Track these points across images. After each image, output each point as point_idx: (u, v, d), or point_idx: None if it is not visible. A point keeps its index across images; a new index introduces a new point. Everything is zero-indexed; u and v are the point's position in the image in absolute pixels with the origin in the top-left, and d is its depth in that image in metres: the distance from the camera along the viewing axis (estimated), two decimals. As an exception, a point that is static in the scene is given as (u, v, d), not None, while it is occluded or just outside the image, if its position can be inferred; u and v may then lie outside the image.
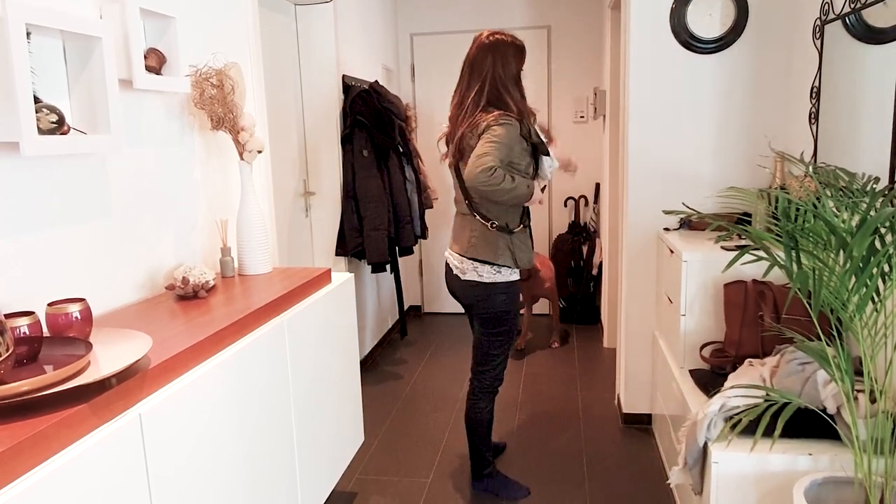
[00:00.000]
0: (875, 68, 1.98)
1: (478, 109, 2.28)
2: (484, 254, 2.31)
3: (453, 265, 2.40)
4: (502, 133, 2.19)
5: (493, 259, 2.30)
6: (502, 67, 2.28)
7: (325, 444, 2.20)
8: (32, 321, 1.33)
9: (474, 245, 2.32)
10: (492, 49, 2.29)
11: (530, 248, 2.44)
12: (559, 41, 4.65)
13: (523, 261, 2.36)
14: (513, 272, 2.36)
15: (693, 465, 1.86)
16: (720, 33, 2.75)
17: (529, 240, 2.46)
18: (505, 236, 2.32)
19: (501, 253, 2.31)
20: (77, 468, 1.09)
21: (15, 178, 1.47)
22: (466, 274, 2.35)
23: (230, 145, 2.38)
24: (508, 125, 2.21)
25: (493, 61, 2.28)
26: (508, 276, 2.34)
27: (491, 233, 2.31)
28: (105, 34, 1.56)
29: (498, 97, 2.28)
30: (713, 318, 2.44)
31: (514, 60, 2.30)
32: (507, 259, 2.31)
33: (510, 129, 2.21)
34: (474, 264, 2.33)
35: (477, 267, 2.33)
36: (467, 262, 2.34)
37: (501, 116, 2.22)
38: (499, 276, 2.33)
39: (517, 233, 2.35)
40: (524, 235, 2.40)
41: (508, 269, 2.34)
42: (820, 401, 1.74)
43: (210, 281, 1.92)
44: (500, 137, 2.18)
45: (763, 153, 2.83)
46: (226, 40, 2.37)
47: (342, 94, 3.58)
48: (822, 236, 1.45)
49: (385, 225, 3.54)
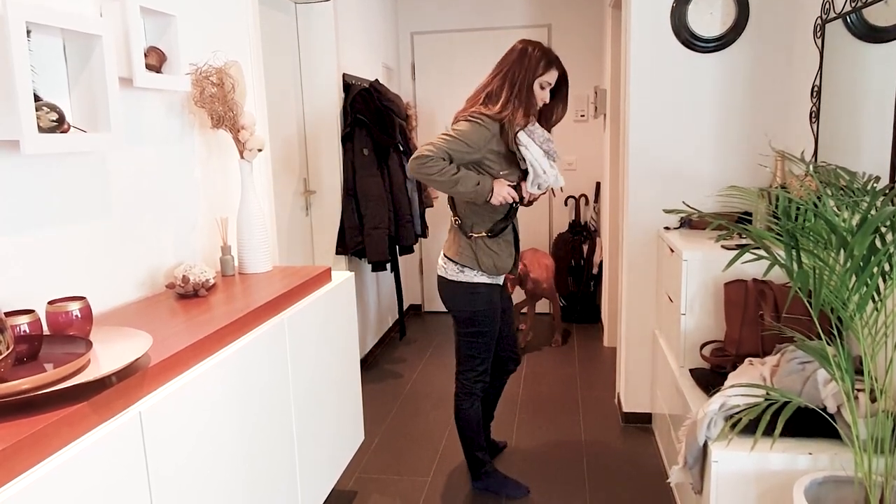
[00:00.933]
0: (876, 67, 1.98)
1: (474, 102, 2.27)
2: (450, 251, 2.34)
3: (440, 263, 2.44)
4: (464, 129, 2.18)
5: (455, 258, 2.32)
6: (519, 67, 2.23)
7: (326, 442, 2.20)
8: (33, 319, 1.33)
9: (448, 241, 2.38)
10: (520, 51, 2.26)
11: (504, 255, 2.34)
12: (560, 40, 4.65)
13: (488, 265, 2.29)
14: (478, 274, 2.30)
15: (693, 464, 1.86)
16: (721, 32, 2.75)
17: (508, 246, 2.37)
18: (465, 238, 2.32)
19: (463, 252, 2.30)
20: (77, 466, 1.09)
21: (15, 177, 1.47)
22: (440, 270, 2.39)
23: (230, 144, 2.38)
24: (476, 124, 2.18)
25: (515, 60, 2.24)
26: (472, 276, 2.31)
27: (460, 232, 2.34)
28: (105, 32, 1.56)
29: (497, 92, 2.24)
30: (713, 317, 2.44)
31: (536, 66, 2.23)
32: (468, 260, 2.29)
33: (476, 129, 2.18)
34: (444, 260, 2.37)
35: (446, 263, 2.36)
36: (441, 258, 2.40)
37: (474, 114, 2.20)
38: (462, 276, 2.31)
39: (479, 237, 2.29)
40: (495, 241, 2.32)
41: (472, 271, 2.30)
42: (820, 400, 1.74)
43: (210, 279, 1.92)
44: (460, 134, 2.17)
45: (764, 152, 2.83)
46: (226, 38, 2.37)
47: (342, 92, 3.58)
48: (822, 235, 1.45)
49: (385, 224, 3.54)
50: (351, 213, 3.54)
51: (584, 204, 4.82)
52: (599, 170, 4.73)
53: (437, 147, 2.14)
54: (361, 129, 3.54)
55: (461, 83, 4.74)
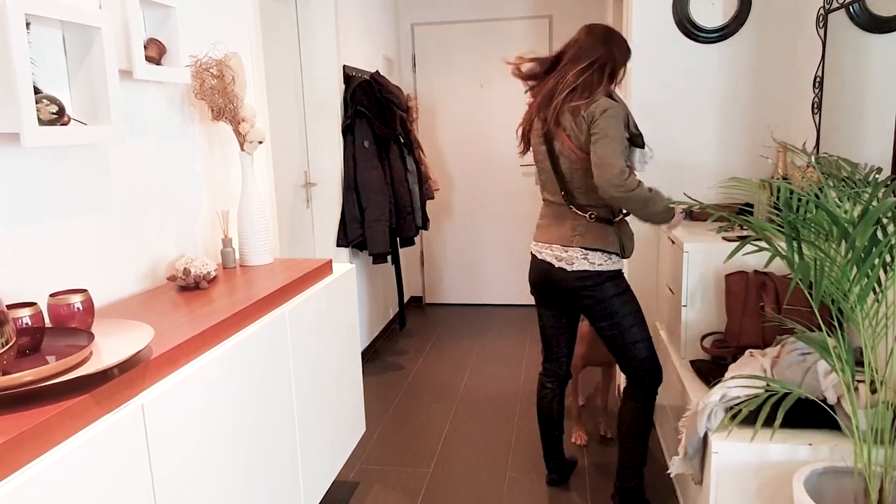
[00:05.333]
0: (878, 58, 1.97)
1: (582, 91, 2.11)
2: (594, 242, 2.18)
3: (554, 257, 2.22)
4: (617, 120, 2.05)
5: (604, 246, 2.18)
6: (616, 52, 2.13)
7: (327, 434, 2.21)
8: (34, 312, 1.33)
9: (581, 234, 2.19)
10: (605, 37, 2.14)
11: (633, 237, 2.30)
12: (561, 31, 4.62)
13: (629, 248, 2.25)
14: (620, 261, 2.24)
15: (693, 454, 1.87)
16: (723, 22, 2.74)
17: (629, 229, 2.31)
18: (607, 226, 2.20)
19: (612, 240, 2.19)
20: (80, 458, 1.09)
21: (16, 169, 1.47)
22: (575, 264, 2.19)
23: (231, 136, 2.37)
24: (620, 106, 2.08)
25: (609, 47, 2.12)
26: (617, 263, 2.22)
27: (592, 223, 2.19)
28: (105, 24, 1.55)
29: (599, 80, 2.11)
30: (714, 308, 2.45)
31: (623, 52, 2.16)
32: (616, 246, 2.20)
33: (621, 112, 2.08)
34: (584, 252, 2.18)
35: (587, 255, 2.18)
36: (575, 251, 2.19)
37: (610, 97, 2.09)
38: (609, 264, 2.19)
39: (617, 223, 2.23)
40: (625, 225, 2.27)
41: (617, 257, 2.21)
42: (820, 391, 1.75)
43: (211, 272, 1.92)
44: (617, 128, 2.05)
45: (765, 143, 2.82)
46: (226, 30, 2.37)
47: (343, 84, 3.57)
48: (823, 227, 1.45)
49: (386, 216, 3.54)
50: (352, 206, 3.54)
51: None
52: (601, 161, 4.71)
53: (620, 158, 2.00)
54: (362, 121, 3.53)
55: (462, 75, 4.72)
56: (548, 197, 2.29)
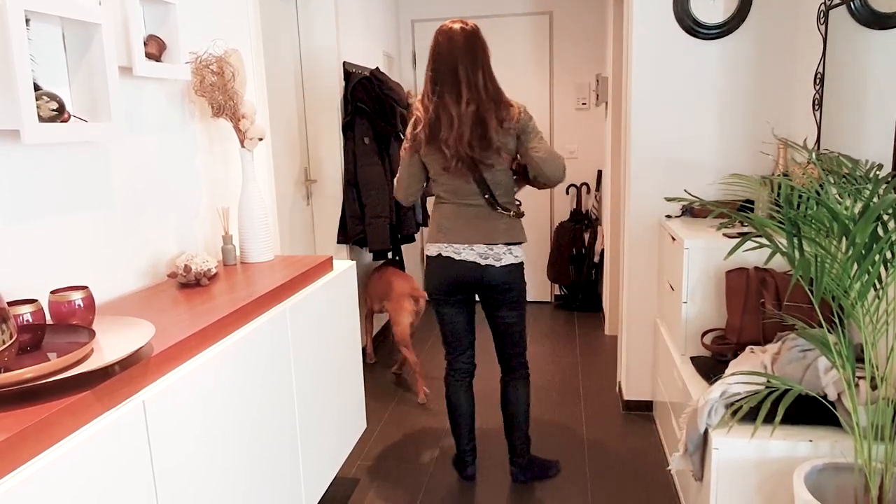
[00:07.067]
0: (879, 54, 1.97)
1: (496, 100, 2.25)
2: (515, 237, 2.36)
3: (479, 255, 2.31)
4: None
5: (521, 239, 2.38)
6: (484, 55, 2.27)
7: (328, 430, 2.21)
8: (35, 309, 1.33)
9: (505, 231, 2.34)
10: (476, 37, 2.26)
11: None
12: (561, 27, 4.62)
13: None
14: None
15: (694, 451, 1.87)
16: (723, 19, 2.73)
17: None
18: (520, 221, 2.40)
19: (520, 233, 2.39)
20: (81, 454, 1.09)
21: (16, 166, 1.47)
22: (503, 259, 2.33)
23: (231, 133, 2.37)
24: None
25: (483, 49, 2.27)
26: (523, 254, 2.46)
27: (513, 219, 2.36)
28: (104, 21, 1.55)
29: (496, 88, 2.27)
30: (715, 305, 2.45)
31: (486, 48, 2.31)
32: (523, 237, 2.40)
33: None
34: (509, 248, 2.34)
35: (511, 249, 2.35)
36: (500, 248, 2.32)
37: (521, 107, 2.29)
38: (523, 256, 2.40)
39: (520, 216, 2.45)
40: None
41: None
42: (821, 387, 1.75)
43: (212, 269, 1.92)
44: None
45: (766, 140, 2.81)
46: (226, 27, 2.36)
47: (343, 81, 3.56)
48: (824, 223, 1.45)
49: (387, 212, 3.54)
50: (352, 202, 3.53)
51: (586, 192, 4.81)
52: (601, 158, 4.71)
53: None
54: (362, 118, 3.53)
55: (462, 71, 4.71)
56: (460, 201, 2.35)
